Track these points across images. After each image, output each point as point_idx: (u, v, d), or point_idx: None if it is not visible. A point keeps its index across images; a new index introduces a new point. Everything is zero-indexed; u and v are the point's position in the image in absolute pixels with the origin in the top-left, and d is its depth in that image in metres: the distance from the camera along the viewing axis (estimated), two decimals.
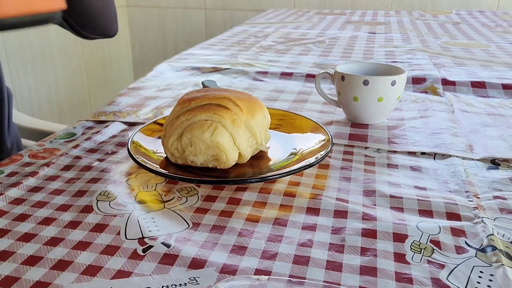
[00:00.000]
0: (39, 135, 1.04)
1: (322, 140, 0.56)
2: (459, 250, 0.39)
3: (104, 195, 0.48)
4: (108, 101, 0.80)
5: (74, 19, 0.80)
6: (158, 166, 0.51)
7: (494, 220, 0.44)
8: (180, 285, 0.35)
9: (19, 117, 1.12)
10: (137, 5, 2.56)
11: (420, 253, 0.39)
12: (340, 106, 0.70)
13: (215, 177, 0.50)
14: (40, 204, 0.47)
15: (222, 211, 0.45)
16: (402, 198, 0.48)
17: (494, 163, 0.55)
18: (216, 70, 0.99)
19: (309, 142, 0.57)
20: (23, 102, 1.84)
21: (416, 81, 0.88)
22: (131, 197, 0.48)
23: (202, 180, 0.48)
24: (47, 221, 0.44)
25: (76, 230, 0.43)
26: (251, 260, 0.38)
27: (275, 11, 2.00)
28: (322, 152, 0.52)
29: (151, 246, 0.40)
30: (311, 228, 0.43)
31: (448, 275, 0.36)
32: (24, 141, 0.90)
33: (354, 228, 0.42)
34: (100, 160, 0.57)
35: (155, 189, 0.50)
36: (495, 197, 0.48)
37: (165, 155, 0.54)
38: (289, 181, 0.51)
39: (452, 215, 0.44)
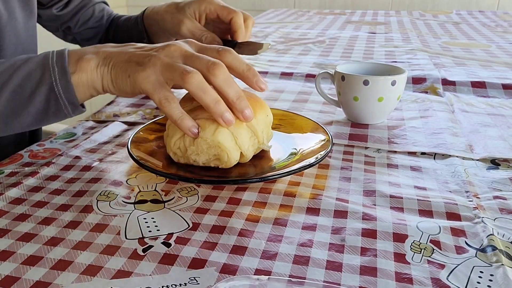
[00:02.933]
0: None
1: (322, 140, 0.56)
2: (459, 250, 0.39)
3: (104, 195, 0.48)
4: (108, 101, 0.80)
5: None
6: (158, 166, 0.51)
7: (494, 220, 0.44)
8: (180, 285, 0.35)
9: None
10: (137, 5, 2.56)
11: (420, 253, 0.39)
12: (340, 106, 0.70)
13: (216, 176, 0.50)
14: (40, 204, 0.47)
15: (222, 211, 0.45)
16: (402, 198, 0.48)
17: (494, 163, 0.55)
18: None
19: (309, 142, 0.57)
20: None
21: (416, 81, 0.88)
22: (131, 197, 0.48)
23: (202, 180, 0.48)
24: (47, 221, 0.44)
25: (76, 230, 0.43)
26: (251, 260, 0.38)
27: (275, 11, 2.00)
28: (322, 152, 0.52)
29: (151, 246, 0.40)
30: (311, 228, 0.43)
31: (448, 275, 0.36)
32: None
33: (354, 228, 0.42)
34: (100, 160, 0.57)
35: (155, 189, 0.50)
36: (495, 197, 0.48)
37: (165, 156, 0.54)
38: (289, 181, 0.51)
39: (452, 215, 0.44)
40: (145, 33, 0.83)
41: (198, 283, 0.35)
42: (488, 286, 0.35)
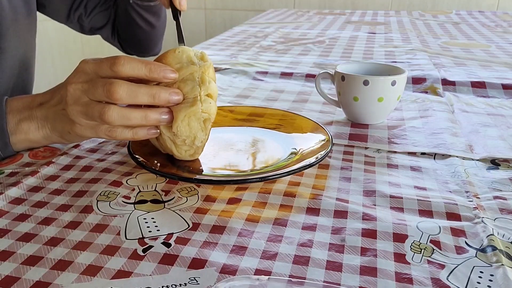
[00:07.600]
0: None
1: (322, 140, 0.56)
2: (459, 250, 0.39)
3: (104, 195, 0.48)
4: None
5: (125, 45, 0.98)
6: (158, 166, 0.51)
7: (494, 220, 0.44)
8: (180, 285, 0.35)
9: None
10: None
11: (420, 253, 0.39)
12: (340, 106, 0.70)
13: (215, 176, 0.50)
14: (40, 204, 0.47)
15: (222, 211, 0.45)
16: (402, 198, 0.48)
17: (494, 163, 0.55)
18: (216, 70, 0.99)
19: (309, 142, 0.57)
20: None
21: (416, 81, 0.88)
22: (131, 197, 0.48)
23: (202, 180, 0.48)
24: (47, 221, 0.44)
25: (76, 230, 0.43)
26: (251, 260, 0.38)
27: (275, 11, 2.00)
28: (322, 152, 0.52)
29: (151, 246, 0.40)
30: (311, 228, 0.43)
31: (448, 275, 0.36)
32: None
33: (354, 228, 0.42)
34: (100, 160, 0.57)
35: (155, 189, 0.50)
36: (495, 197, 0.48)
37: (165, 156, 0.54)
38: (289, 181, 0.51)
39: (452, 215, 0.44)
40: None
41: (198, 283, 0.35)
42: (488, 286, 0.35)
